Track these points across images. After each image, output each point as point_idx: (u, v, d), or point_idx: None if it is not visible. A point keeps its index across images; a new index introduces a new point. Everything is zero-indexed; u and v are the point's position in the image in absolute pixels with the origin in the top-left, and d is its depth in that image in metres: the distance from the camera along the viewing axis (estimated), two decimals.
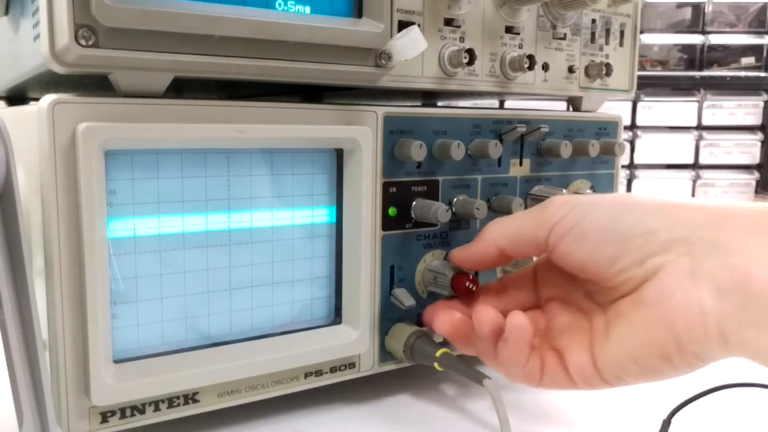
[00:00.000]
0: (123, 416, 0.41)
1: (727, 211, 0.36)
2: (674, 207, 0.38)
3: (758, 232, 0.34)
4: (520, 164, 0.56)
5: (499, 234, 0.44)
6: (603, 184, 0.62)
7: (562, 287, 0.44)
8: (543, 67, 0.57)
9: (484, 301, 0.46)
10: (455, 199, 0.52)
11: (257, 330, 0.46)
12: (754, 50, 1.61)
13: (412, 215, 0.50)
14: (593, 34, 0.60)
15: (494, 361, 0.42)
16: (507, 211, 0.53)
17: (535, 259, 0.48)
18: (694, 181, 1.60)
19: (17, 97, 0.64)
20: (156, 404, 0.42)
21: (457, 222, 0.53)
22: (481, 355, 0.44)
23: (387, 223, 0.49)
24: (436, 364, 0.47)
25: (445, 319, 0.45)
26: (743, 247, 0.34)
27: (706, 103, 1.59)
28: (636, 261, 0.37)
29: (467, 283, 0.48)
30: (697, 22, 1.60)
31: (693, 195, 1.61)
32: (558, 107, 1.12)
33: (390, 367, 0.51)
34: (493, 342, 0.41)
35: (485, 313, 0.41)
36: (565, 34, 0.58)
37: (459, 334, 0.45)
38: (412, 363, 0.50)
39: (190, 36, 0.38)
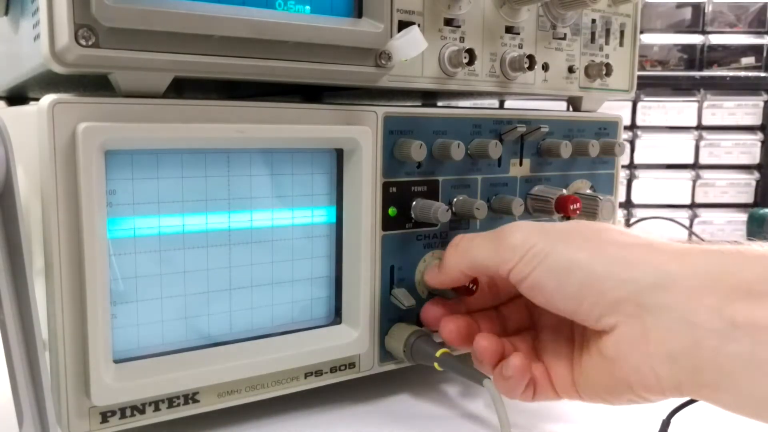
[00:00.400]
0: (123, 416, 0.41)
1: (675, 271, 0.36)
2: (622, 260, 0.37)
3: (705, 296, 0.34)
4: (520, 164, 0.56)
5: (461, 263, 0.45)
6: (603, 184, 0.62)
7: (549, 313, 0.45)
8: (543, 67, 0.57)
9: (484, 316, 0.48)
10: (455, 199, 0.52)
11: (257, 330, 0.46)
12: (754, 50, 1.61)
13: (412, 215, 0.50)
14: (593, 34, 0.60)
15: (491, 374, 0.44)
16: (507, 211, 0.53)
17: None
18: (694, 181, 1.60)
19: (17, 97, 0.64)
20: (156, 404, 0.42)
21: (457, 222, 0.53)
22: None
23: (387, 223, 0.49)
24: (436, 364, 0.47)
25: (451, 328, 0.46)
26: (690, 313, 0.34)
27: (706, 103, 1.59)
28: (591, 318, 0.38)
29: (467, 283, 0.48)
30: (697, 22, 1.59)
31: (693, 195, 1.61)
32: (558, 107, 1.12)
33: (390, 367, 0.51)
34: (493, 366, 0.43)
35: (487, 339, 0.44)
36: (565, 34, 0.58)
37: (464, 340, 0.46)
38: (412, 363, 0.50)
39: (190, 36, 0.38)
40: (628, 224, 1.45)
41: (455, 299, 0.49)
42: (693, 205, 1.62)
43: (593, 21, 0.60)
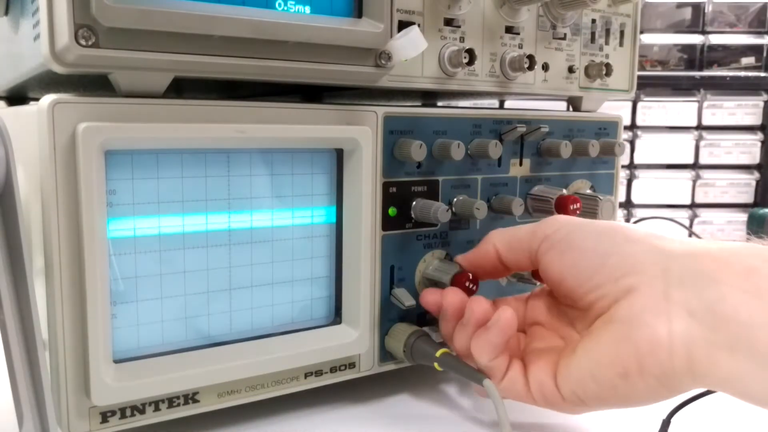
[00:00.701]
0: (123, 416, 0.41)
1: (706, 246, 0.37)
2: (656, 238, 0.39)
3: (735, 264, 0.35)
4: (520, 164, 0.56)
5: (498, 238, 0.47)
6: (603, 184, 0.62)
7: (548, 314, 0.46)
8: (543, 67, 0.57)
9: None
10: (455, 199, 0.52)
11: (257, 330, 0.46)
12: (754, 50, 1.61)
13: (412, 215, 0.50)
14: (593, 34, 0.60)
15: (463, 344, 0.44)
16: (507, 211, 0.53)
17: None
18: (694, 181, 1.60)
19: (17, 97, 0.64)
20: (156, 404, 0.42)
21: (457, 222, 0.53)
22: (453, 335, 0.45)
23: (387, 223, 0.49)
24: (436, 364, 0.47)
25: (453, 297, 0.46)
26: (716, 274, 0.35)
27: (706, 103, 1.59)
28: (611, 278, 0.38)
29: (467, 283, 0.48)
30: (697, 22, 1.60)
31: (693, 195, 1.61)
32: (558, 107, 1.12)
33: (390, 367, 0.51)
34: (476, 327, 0.43)
35: (480, 300, 0.44)
36: (565, 34, 0.58)
37: (438, 307, 0.47)
38: (412, 363, 0.50)
39: (190, 36, 0.38)
40: None
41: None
42: (693, 205, 1.62)
43: (593, 21, 0.60)
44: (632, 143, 1.59)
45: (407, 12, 0.49)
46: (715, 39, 1.60)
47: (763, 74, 1.59)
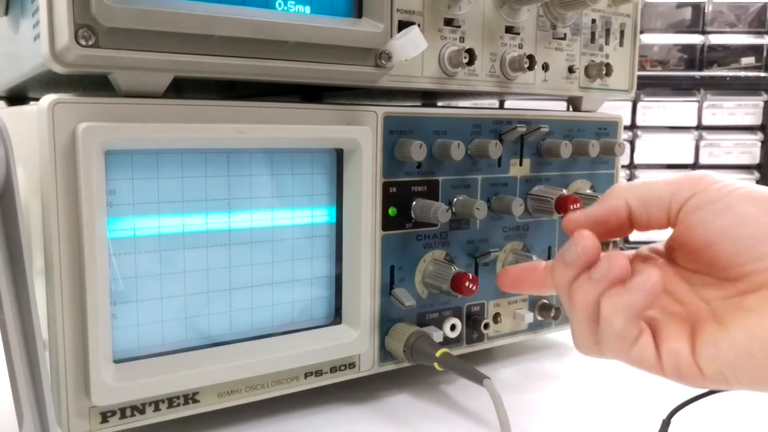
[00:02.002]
0: (123, 416, 0.41)
1: None
2: None
3: None
4: (520, 164, 0.56)
5: (630, 193, 0.40)
6: (603, 184, 0.62)
7: (667, 278, 0.40)
8: (543, 67, 0.57)
9: None
10: (455, 199, 0.52)
11: (257, 330, 0.46)
12: (754, 50, 1.61)
13: (412, 215, 0.50)
14: (593, 34, 0.60)
15: (588, 300, 0.38)
16: (507, 211, 0.53)
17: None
18: None
19: (17, 97, 0.64)
20: (156, 404, 0.42)
21: (457, 222, 0.53)
22: (573, 286, 0.38)
23: (387, 223, 0.49)
24: (436, 364, 0.47)
25: (590, 241, 0.38)
26: None
27: (706, 103, 1.59)
28: None
29: (467, 283, 0.48)
30: (697, 22, 1.59)
31: None
32: (558, 107, 1.12)
33: (390, 367, 0.51)
34: (610, 284, 0.37)
35: (620, 255, 0.37)
36: (565, 34, 0.58)
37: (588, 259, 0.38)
38: (412, 363, 0.50)
39: (190, 36, 0.38)
40: None
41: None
42: None
43: (593, 21, 0.60)
44: (632, 143, 1.59)
45: (407, 12, 0.49)
46: (715, 39, 1.60)
47: (763, 74, 1.59)
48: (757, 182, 1.60)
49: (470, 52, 0.50)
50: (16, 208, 0.34)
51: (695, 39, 1.59)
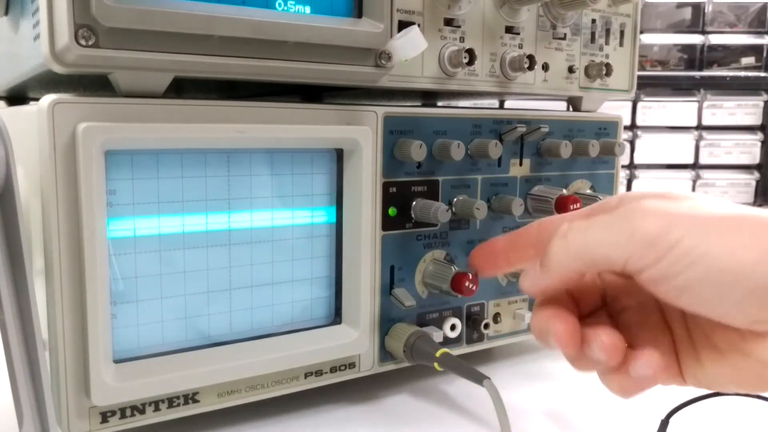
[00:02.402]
0: (123, 416, 0.41)
1: None
2: None
3: None
4: (520, 164, 0.56)
5: (575, 262, 0.34)
6: (603, 184, 0.62)
7: (634, 298, 0.37)
8: (543, 67, 0.57)
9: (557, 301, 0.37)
10: (455, 199, 0.52)
11: (257, 330, 0.46)
12: (754, 50, 1.61)
13: (412, 215, 0.50)
14: (593, 34, 0.60)
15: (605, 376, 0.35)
16: (507, 211, 0.53)
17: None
18: (694, 181, 1.60)
19: (17, 97, 0.64)
20: (156, 404, 0.42)
21: (457, 222, 0.53)
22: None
23: (387, 223, 0.49)
24: (436, 364, 0.47)
25: (566, 329, 0.34)
26: None
27: (706, 103, 1.59)
28: (754, 322, 0.29)
29: (467, 283, 0.48)
30: (697, 22, 1.59)
31: None
32: (558, 107, 1.12)
33: (390, 367, 0.51)
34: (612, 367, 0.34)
35: (610, 336, 0.33)
36: (565, 34, 0.58)
37: (576, 345, 0.34)
38: (412, 363, 0.50)
39: (190, 36, 0.38)
40: None
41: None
42: None
43: (593, 21, 0.60)
44: (632, 143, 1.59)
45: (407, 12, 0.49)
46: (715, 39, 1.60)
47: (763, 74, 1.59)
48: (757, 182, 1.60)
49: (470, 52, 0.50)
50: (16, 208, 0.34)
51: (695, 39, 1.59)
